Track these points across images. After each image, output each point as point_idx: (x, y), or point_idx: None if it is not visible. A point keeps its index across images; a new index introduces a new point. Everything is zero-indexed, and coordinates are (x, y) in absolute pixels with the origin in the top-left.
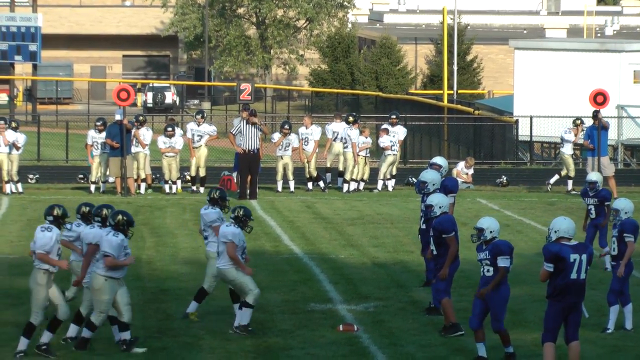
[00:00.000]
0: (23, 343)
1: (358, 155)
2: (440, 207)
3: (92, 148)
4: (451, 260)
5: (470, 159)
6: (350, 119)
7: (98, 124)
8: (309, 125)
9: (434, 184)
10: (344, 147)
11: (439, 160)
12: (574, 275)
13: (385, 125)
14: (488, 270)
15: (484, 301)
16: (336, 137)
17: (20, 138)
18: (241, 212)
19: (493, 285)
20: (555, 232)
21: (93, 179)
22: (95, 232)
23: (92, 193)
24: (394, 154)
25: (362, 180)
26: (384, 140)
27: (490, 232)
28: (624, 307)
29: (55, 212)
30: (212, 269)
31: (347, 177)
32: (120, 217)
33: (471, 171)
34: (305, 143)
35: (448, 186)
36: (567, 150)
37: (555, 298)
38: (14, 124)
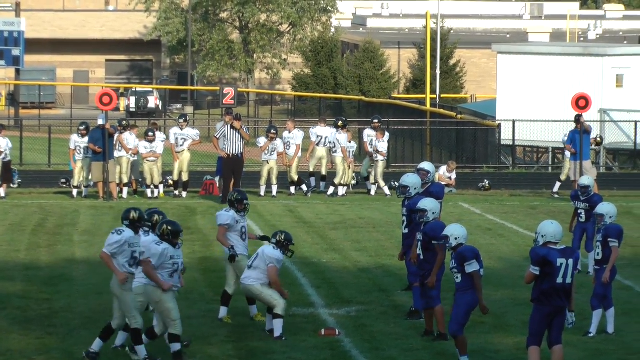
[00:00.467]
0: (140, 351)
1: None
2: (433, 213)
3: (75, 152)
4: (439, 267)
5: (452, 163)
6: (340, 123)
7: (81, 128)
8: (292, 130)
9: (415, 188)
10: (333, 152)
11: (426, 165)
12: (559, 280)
13: (367, 130)
14: (457, 277)
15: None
16: (319, 142)
17: (2, 143)
18: (282, 237)
19: (480, 293)
20: (543, 236)
21: (75, 184)
22: (144, 241)
23: (75, 198)
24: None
25: (346, 185)
26: (384, 146)
27: (455, 238)
28: (607, 311)
29: (131, 216)
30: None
31: (337, 181)
32: (164, 227)
33: (453, 175)
34: (288, 147)
35: (433, 192)
36: (569, 154)
37: (541, 302)
38: None
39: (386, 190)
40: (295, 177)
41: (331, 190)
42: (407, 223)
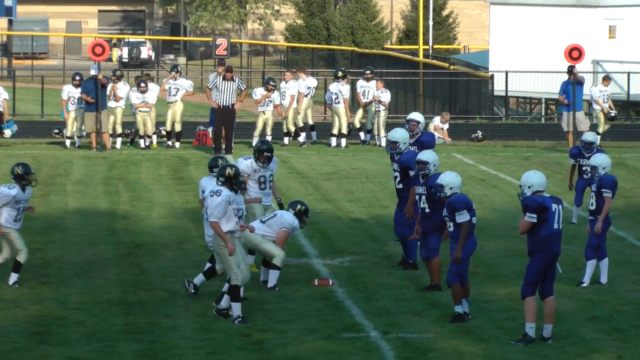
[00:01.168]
0: (234, 308)
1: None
2: (434, 165)
3: (68, 103)
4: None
5: (446, 114)
6: (340, 74)
7: (76, 79)
8: (289, 80)
9: (404, 143)
10: (336, 103)
11: (416, 116)
12: (555, 225)
13: (360, 81)
14: (449, 226)
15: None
16: (309, 93)
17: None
18: (303, 208)
19: (461, 244)
20: (529, 187)
21: (68, 134)
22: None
23: (68, 148)
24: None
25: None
26: (387, 96)
27: (450, 188)
28: (600, 261)
29: (227, 173)
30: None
31: (343, 131)
32: (228, 170)
33: (446, 126)
34: (283, 98)
35: (425, 142)
36: (597, 107)
37: (541, 250)
38: None
39: (383, 142)
40: (292, 128)
41: (334, 141)
42: (400, 178)
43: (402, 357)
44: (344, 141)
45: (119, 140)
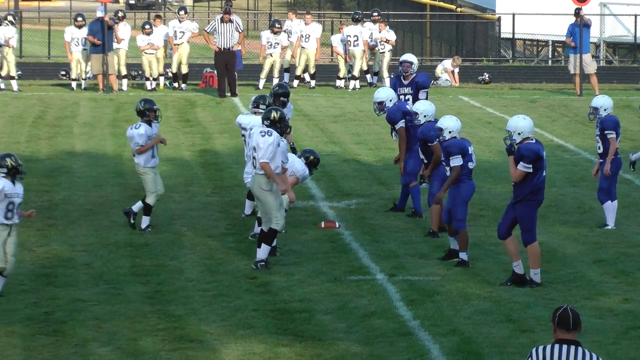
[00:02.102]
0: (262, 252)
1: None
2: (450, 132)
3: (71, 44)
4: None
5: (458, 58)
6: (358, 17)
7: (79, 19)
8: (309, 23)
9: (390, 100)
10: (354, 45)
11: (408, 57)
12: (544, 172)
13: (367, 23)
14: (447, 170)
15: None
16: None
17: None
18: (313, 158)
19: (446, 186)
20: (519, 134)
21: (74, 76)
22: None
23: (74, 90)
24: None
25: (344, 77)
26: (392, 35)
27: (450, 132)
28: (613, 202)
29: (272, 116)
30: None
31: (356, 74)
32: (273, 114)
33: (457, 70)
34: (306, 40)
35: (419, 82)
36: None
37: (529, 199)
38: (9, 18)
39: (388, 82)
40: (312, 71)
41: (352, 84)
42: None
43: (409, 300)
44: (357, 83)
45: (124, 81)
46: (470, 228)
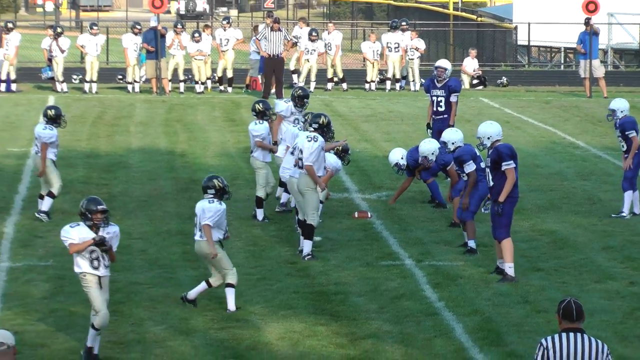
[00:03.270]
0: (307, 245)
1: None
2: (488, 138)
3: (130, 50)
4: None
5: (473, 50)
6: (396, 25)
7: (137, 27)
8: (332, 31)
9: (454, 143)
10: (395, 51)
11: (443, 63)
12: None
13: (398, 32)
14: (463, 176)
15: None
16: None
17: (65, 43)
18: (340, 148)
19: (469, 191)
20: (488, 138)
21: (130, 80)
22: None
23: (131, 92)
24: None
25: (372, 81)
26: (421, 43)
27: (452, 143)
28: (633, 193)
29: (321, 121)
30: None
31: (398, 76)
32: (322, 118)
33: (476, 64)
34: (329, 48)
35: (451, 86)
36: None
37: (509, 195)
38: (59, 30)
39: (416, 86)
40: (341, 75)
41: (389, 85)
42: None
43: (434, 283)
44: (397, 85)
45: (182, 85)
46: (489, 218)
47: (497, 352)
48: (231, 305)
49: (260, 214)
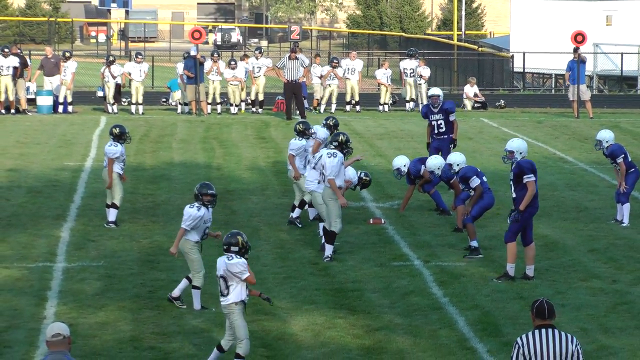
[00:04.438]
0: (327, 249)
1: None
2: (520, 153)
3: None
4: (477, 198)
5: (472, 78)
6: (412, 53)
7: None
8: (354, 59)
9: (520, 153)
10: (411, 76)
11: (435, 91)
12: (536, 184)
13: (407, 60)
14: (470, 192)
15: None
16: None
17: (116, 70)
18: (344, 138)
19: (474, 201)
20: (520, 153)
21: (177, 101)
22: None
23: (179, 113)
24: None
25: (385, 103)
26: (427, 72)
27: (457, 165)
28: (623, 205)
29: (340, 139)
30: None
31: (409, 98)
32: (341, 136)
33: (476, 89)
34: (352, 73)
35: (448, 108)
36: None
37: (530, 205)
38: (111, 58)
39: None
40: (357, 98)
41: (408, 106)
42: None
43: (440, 281)
44: (407, 106)
45: (219, 107)
46: (489, 223)
47: (495, 342)
48: (197, 305)
49: (310, 213)
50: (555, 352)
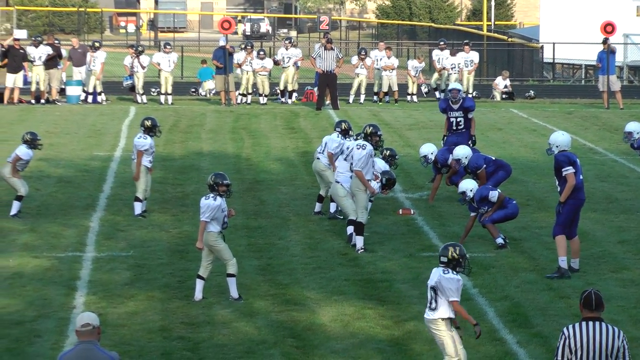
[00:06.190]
0: (359, 240)
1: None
2: (466, 158)
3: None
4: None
5: (505, 72)
6: (442, 45)
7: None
8: (382, 50)
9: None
10: (451, 68)
11: (456, 85)
12: (580, 176)
13: (436, 50)
14: (489, 209)
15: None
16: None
17: (145, 60)
18: (388, 153)
19: (494, 210)
20: (557, 146)
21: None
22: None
23: (202, 103)
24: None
25: (414, 94)
26: (460, 61)
27: (470, 190)
28: None
29: (366, 131)
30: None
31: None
32: (367, 128)
33: (508, 82)
34: (377, 64)
35: (470, 106)
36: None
37: (572, 197)
38: (140, 49)
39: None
40: (386, 89)
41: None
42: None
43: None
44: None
45: (249, 97)
46: (518, 214)
47: (525, 333)
48: (234, 293)
49: (330, 208)
50: (601, 347)
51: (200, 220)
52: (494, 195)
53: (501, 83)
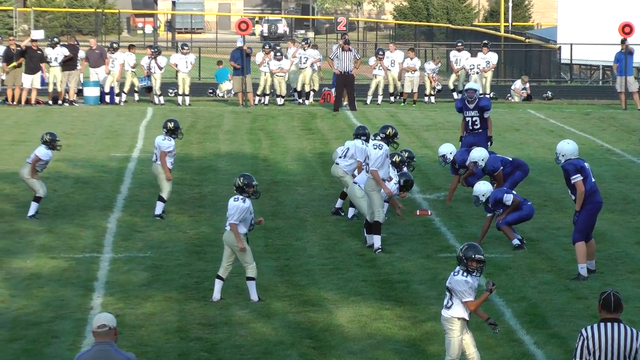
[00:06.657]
0: (377, 240)
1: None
2: (482, 160)
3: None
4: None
5: (525, 77)
6: (460, 46)
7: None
8: (394, 51)
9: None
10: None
11: (473, 85)
12: (592, 179)
13: (453, 51)
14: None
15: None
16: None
17: (162, 61)
18: (398, 159)
19: (508, 212)
20: (563, 155)
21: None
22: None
23: (219, 104)
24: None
25: (432, 94)
26: (480, 62)
27: (483, 195)
28: None
29: (389, 132)
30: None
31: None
32: (389, 129)
33: (527, 85)
34: (392, 65)
35: (484, 106)
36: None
37: (588, 202)
38: (157, 50)
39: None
40: (408, 90)
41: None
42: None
43: (486, 272)
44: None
45: (266, 98)
46: (536, 215)
47: (542, 334)
48: (254, 296)
49: (349, 212)
50: (619, 348)
51: (229, 223)
52: (508, 199)
53: (520, 86)
